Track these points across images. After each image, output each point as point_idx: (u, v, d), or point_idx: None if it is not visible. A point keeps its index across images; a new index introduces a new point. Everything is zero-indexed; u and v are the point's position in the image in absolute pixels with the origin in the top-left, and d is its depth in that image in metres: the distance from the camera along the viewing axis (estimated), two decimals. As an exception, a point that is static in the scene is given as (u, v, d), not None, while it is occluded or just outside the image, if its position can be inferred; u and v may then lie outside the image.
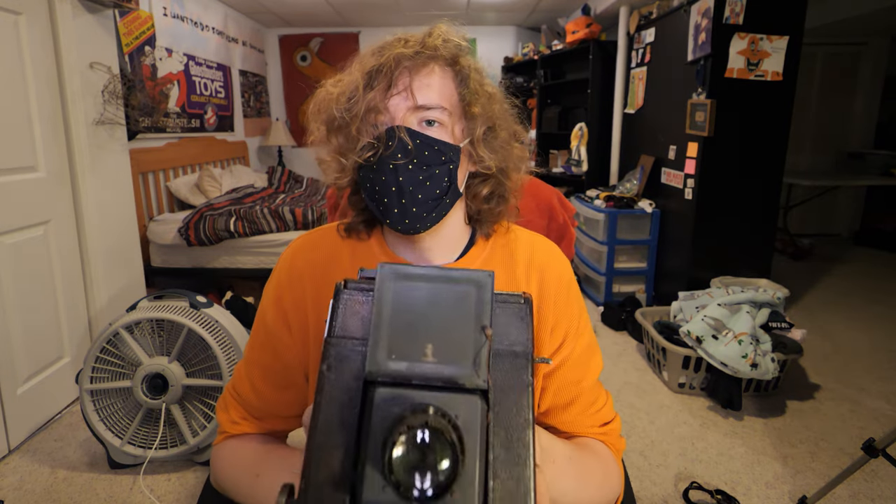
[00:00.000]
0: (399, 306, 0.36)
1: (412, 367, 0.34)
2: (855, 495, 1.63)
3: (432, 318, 0.36)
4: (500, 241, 0.75)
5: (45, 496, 1.65)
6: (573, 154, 4.09)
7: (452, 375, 0.34)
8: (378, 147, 0.63)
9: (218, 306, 1.77)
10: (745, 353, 1.99)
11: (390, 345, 0.35)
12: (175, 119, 3.58)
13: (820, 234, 4.96)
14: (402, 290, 0.37)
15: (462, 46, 0.68)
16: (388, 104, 0.63)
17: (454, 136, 0.66)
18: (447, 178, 0.65)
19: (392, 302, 0.36)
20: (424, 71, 0.64)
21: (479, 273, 0.37)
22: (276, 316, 0.71)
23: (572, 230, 1.53)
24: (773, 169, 2.70)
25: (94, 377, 1.66)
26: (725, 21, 2.47)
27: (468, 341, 0.35)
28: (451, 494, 0.30)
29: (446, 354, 0.35)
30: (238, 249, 3.04)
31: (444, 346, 0.35)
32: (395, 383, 0.34)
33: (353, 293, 0.41)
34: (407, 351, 0.35)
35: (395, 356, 0.35)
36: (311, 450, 0.35)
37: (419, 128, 0.64)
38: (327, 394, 0.37)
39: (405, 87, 0.63)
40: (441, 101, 0.64)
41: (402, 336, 0.35)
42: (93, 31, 2.20)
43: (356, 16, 4.91)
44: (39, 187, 2.00)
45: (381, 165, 0.63)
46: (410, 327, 0.36)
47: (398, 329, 0.35)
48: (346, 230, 0.73)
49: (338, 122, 0.65)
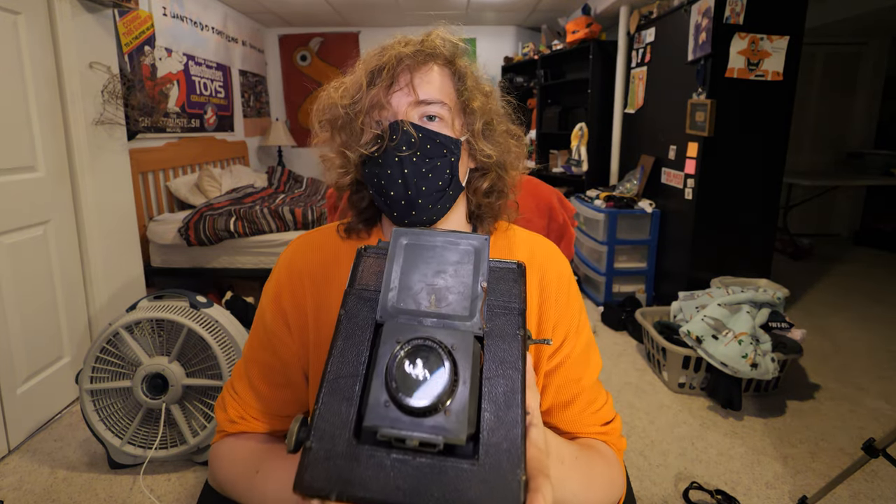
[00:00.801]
0: (408, 262, 0.41)
1: (417, 311, 0.39)
2: (855, 495, 1.63)
3: (436, 273, 0.40)
4: (500, 240, 0.75)
5: (44, 496, 1.65)
6: (573, 154, 4.09)
7: (452, 319, 0.38)
8: (382, 141, 0.65)
9: (218, 306, 1.77)
10: (745, 353, 1.99)
11: (399, 293, 0.40)
12: (175, 119, 3.58)
13: (820, 234, 4.96)
14: (411, 248, 0.41)
15: (459, 47, 0.70)
16: (390, 100, 0.66)
17: (454, 130, 0.68)
18: (449, 170, 0.67)
19: (402, 258, 0.41)
20: (424, 69, 0.67)
21: (477, 237, 0.41)
22: (275, 315, 0.71)
23: (572, 230, 1.53)
24: (773, 169, 2.70)
25: (94, 377, 1.66)
26: (726, 21, 2.47)
27: (466, 293, 0.39)
28: (444, 413, 0.34)
29: (447, 303, 0.39)
30: (238, 249, 3.04)
31: (446, 296, 0.39)
32: (399, 323, 0.39)
33: (371, 255, 0.46)
34: (413, 298, 0.40)
35: (403, 303, 0.39)
36: (325, 378, 0.39)
37: (421, 122, 0.66)
38: (343, 331, 0.41)
39: (406, 83, 0.65)
40: (441, 96, 0.67)
41: (410, 286, 0.40)
42: (92, 30, 2.20)
43: (356, 16, 4.91)
44: (39, 187, 2.00)
45: (386, 158, 0.65)
46: (417, 279, 0.40)
47: (406, 280, 0.40)
48: (346, 231, 0.74)
49: (342, 119, 0.68)
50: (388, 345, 0.36)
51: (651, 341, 2.42)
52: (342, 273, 0.71)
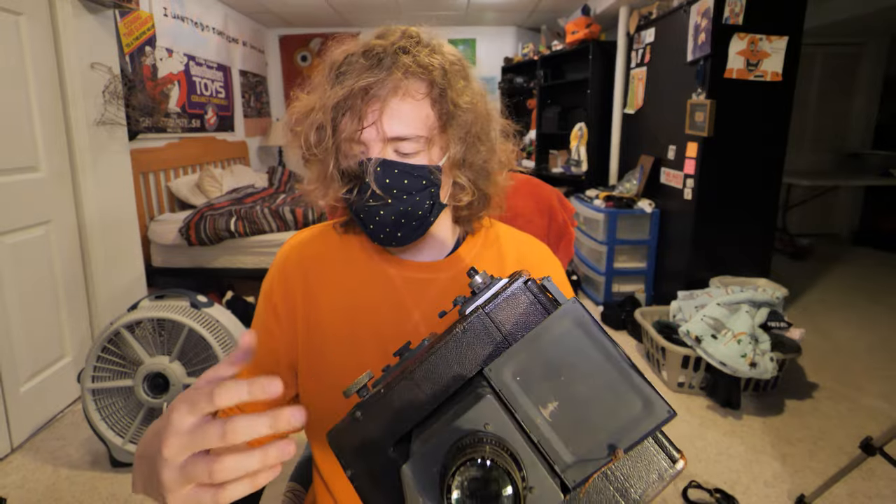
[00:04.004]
0: (554, 345, 0.34)
1: (526, 407, 0.33)
2: (853, 493, 1.63)
3: (577, 383, 0.34)
4: (488, 239, 0.76)
5: (47, 495, 1.66)
6: (573, 154, 4.09)
7: (554, 454, 0.33)
8: (358, 179, 0.63)
9: (218, 306, 1.78)
10: (744, 352, 2.00)
11: (523, 368, 0.34)
12: (175, 119, 3.59)
13: (819, 233, 4.96)
14: (569, 336, 0.35)
15: (435, 52, 0.64)
16: (361, 137, 0.61)
17: (431, 157, 0.64)
18: (430, 200, 0.64)
19: (552, 338, 0.35)
20: (395, 100, 0.60)
21: (654, 396, 0.33)
22: (265, 308, 0.72)
23: (572, 230, 1.53)
24: (773, 169, 2.70)
25: (96, 376, 1.67)
26: (725, 21, 2.47)
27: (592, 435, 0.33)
28: None
29: (562, 424, 0.33)
30: (238, 249, 3.05)
31: (567, 416, 0.33)
32: (501, 399, 0.34)
33: (531, 297, 0.39)
34: (533, 386, 0.34)
35: (520, 380, 0.34)
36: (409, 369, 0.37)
37: (396, 157, 0.62)
38: (450, 345, 0.37)
39: (375, 119, 0.60)
40: (416, 129, 0.61)
41: (537, 370, 0.34)
42: (93, 31, 2.21)
43: (356, 16, 4.91)
44: (40, 187, 2.00)
45: (362, 196, 0.62)
46: (552, 372, 0.34)
47: (539, 363, 0.34)
48: (342, 226, 0.74)
49: (311, 154, 0.64)
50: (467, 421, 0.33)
51: (650, 341, 2.43)
52: (334, 269, 0.71)
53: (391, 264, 0.71)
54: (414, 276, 0.70)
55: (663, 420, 0.33)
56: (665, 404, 0.33)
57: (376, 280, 0.70)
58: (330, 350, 0.68)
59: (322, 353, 0.69)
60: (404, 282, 0.70)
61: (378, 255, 0.72)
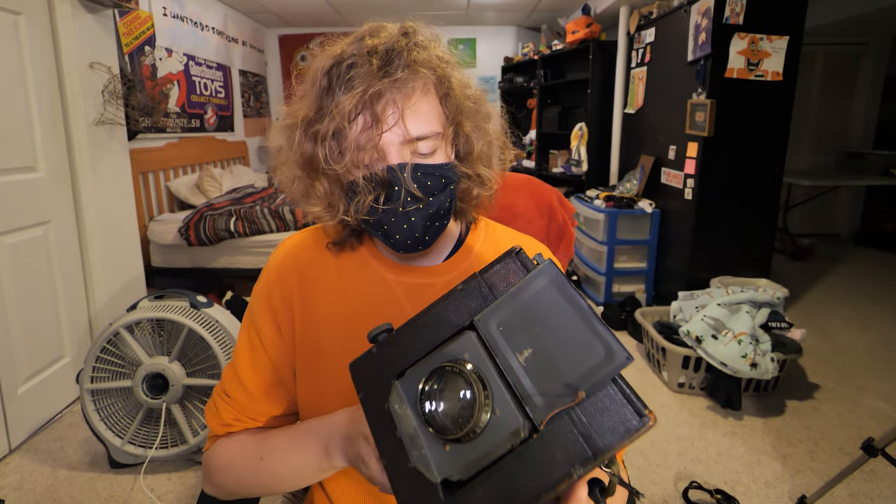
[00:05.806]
0: (531, 300, 0.40)
1: (505, 352, 0.39)
2: (854, 495, 1.63)
3: (550, 333, 0.39)
4: (486, 240, 0.74)
5: (45, 496, 1.65)
6: (573, 154, 4.09)
7: (524, 391, 0.37)
8: (379, 189, 0.59)
9: (218, 306, 1.77)
10: (745, 352, 1.99)
11: (504, 321, 0.40)
12: (175, 119, 3.59)
13: (820, 233, 4.95)
14: (545, 292, 0.40)
15: (435, 46, 0.63)
16: (378, 143, 0.57)
17: (448, 154, 0.63)
18: (450, 198, 0.64)
19: (530, 294, 0.40)
20: (410, 98, 0.58)
21: (616, 345, 0.38)
22: (264, 314, 0.70)
23: (572, 230, 1.53)
24: (773, 169, 2.70)
25: (95, 377, 1.66)
26: (725, 21, 2.47)
27: (559, 379, 0.37)
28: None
29: (535, 368, 0.38)
30: (238, 249, 3.04)
31: (539, 362, 0.38)
32: (484, 343, 0.40)
33: (518, 264, 0.44)
34: (512, 335, 0.39)
35: (502, 329, 0.39)
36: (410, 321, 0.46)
37: (417, 158, 0.60)
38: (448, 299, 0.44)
39: (395, 121, 0.57)
40: (434, 126, 0.60)
41: (517, 323, 0.39)
42: (92, 31, 2.20)
43: (356, 16, 4.91)
44: (39, 187, 2.00)
45: (394, 203, 0.59)
46: (528, 323, 0.39)
47: (519, 316, 0.39)
48: (335, 244, 0.70)
49: (314, 171, 0.61)
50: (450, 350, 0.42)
51: (651, 341, 2.43)
52: (330, 272, 0.70)
53: (388, 269, 0.70)
54: (412, 281, 0.69)
55: (620, 364, 0.37)
56: (624, 351, 0.37)
57: (373, 285, 0.69)
58: (327, 356, 0.68)
59: (319, 357, 0.68)
60: (402, 287, 0.69)
61: (375, 260, 0.70)
